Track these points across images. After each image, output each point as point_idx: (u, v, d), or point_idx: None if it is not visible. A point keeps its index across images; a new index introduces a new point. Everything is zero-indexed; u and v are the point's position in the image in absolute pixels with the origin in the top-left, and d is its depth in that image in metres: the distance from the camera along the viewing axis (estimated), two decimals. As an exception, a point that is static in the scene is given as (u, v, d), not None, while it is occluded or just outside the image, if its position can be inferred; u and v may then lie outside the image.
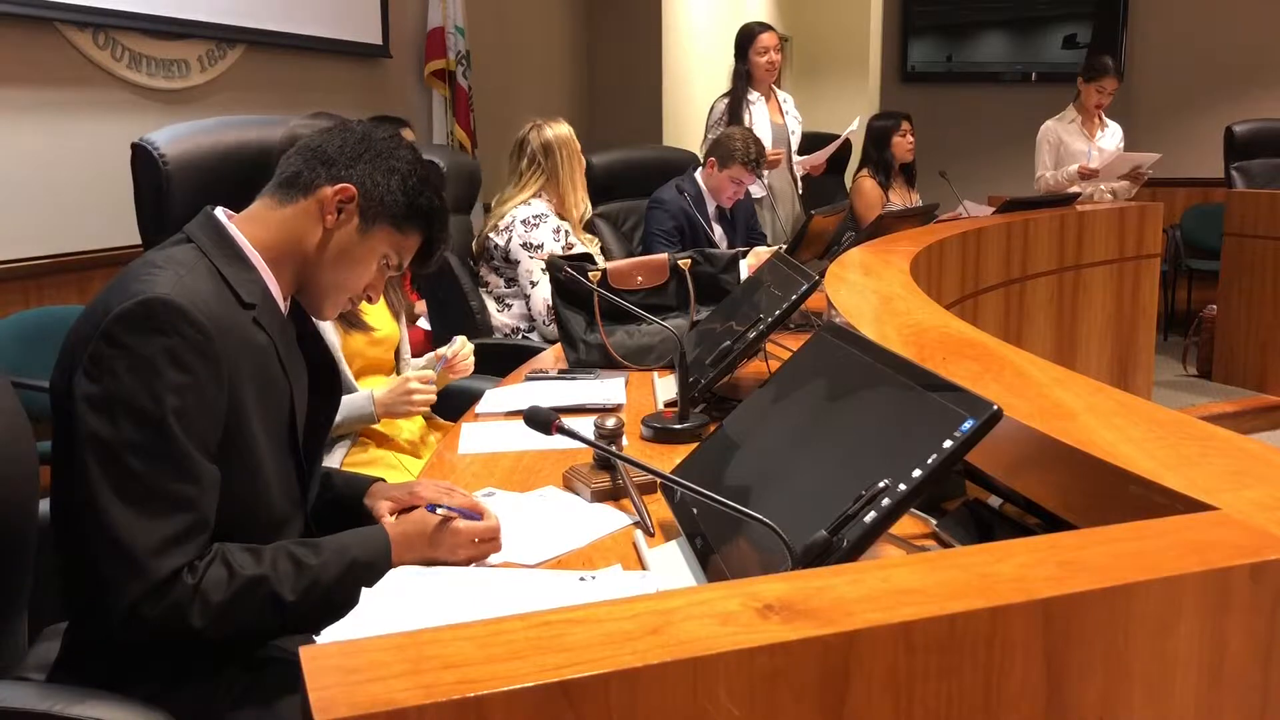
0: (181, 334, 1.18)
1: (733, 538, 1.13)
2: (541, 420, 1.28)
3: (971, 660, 0.67)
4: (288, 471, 1.37)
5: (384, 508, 1.44)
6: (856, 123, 4.70)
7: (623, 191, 3.97)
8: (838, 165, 5.43)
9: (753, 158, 3.59)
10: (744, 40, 4.44)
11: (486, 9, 5.14)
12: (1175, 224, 6.31)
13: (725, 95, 4.45)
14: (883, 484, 0.93)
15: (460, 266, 3.19)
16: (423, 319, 3.48)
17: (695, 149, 4.48)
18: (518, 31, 5.54)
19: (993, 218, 3.83)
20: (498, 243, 3.17)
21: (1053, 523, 1.06)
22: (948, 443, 0.92)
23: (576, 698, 0.59)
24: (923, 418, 0.97)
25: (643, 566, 1.25)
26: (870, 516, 0.93)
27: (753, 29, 4.46)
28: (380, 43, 4.47)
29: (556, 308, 2.31)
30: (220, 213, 1.36)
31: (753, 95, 4.40)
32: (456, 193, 3.26)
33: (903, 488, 0.92)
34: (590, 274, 2.24)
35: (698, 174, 3.75)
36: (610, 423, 1.59)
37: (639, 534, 1.33)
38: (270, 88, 3.81)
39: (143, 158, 1.58)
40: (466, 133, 4.85)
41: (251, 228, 1.35)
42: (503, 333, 3.19)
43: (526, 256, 3.12)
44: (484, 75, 5.04)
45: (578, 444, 1.34)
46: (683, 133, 6.09)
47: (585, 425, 1.59)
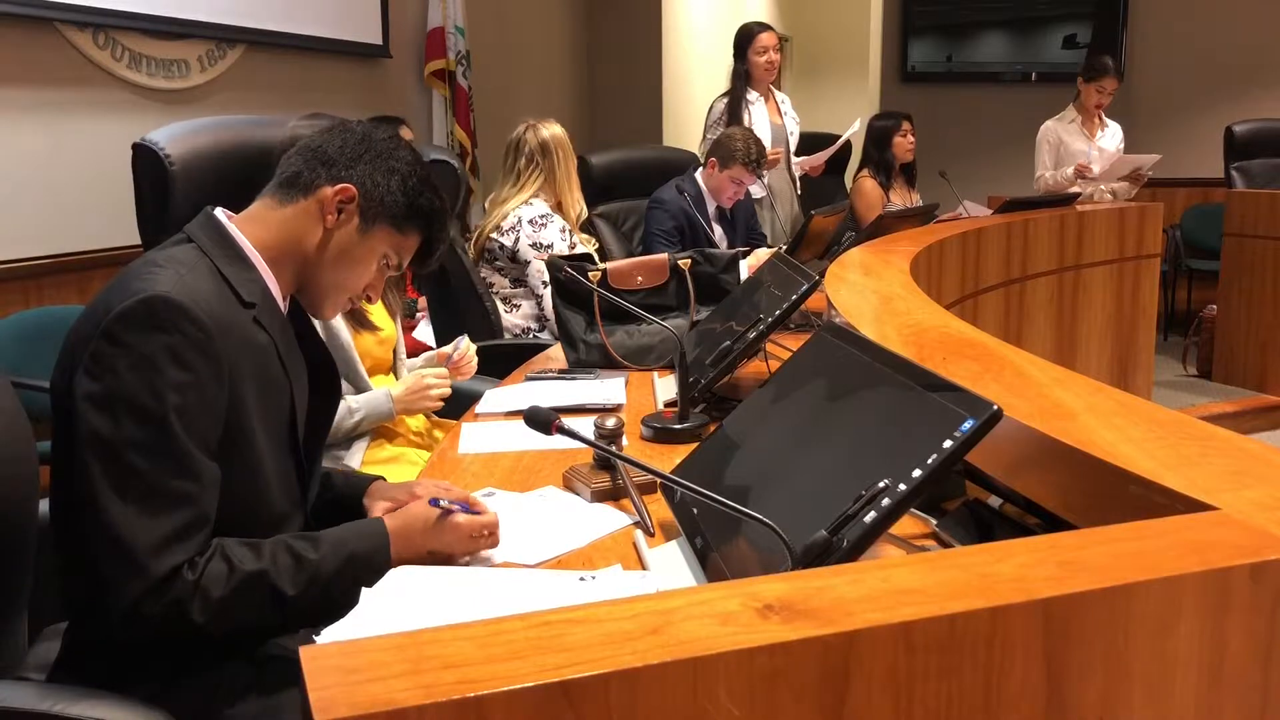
0: (183, 332, 1.18)
1: (733, 538, 1.13)
2: (541, 420, 1.28)
3: (971, 660, 0.67)
4: (288, 471, 1.38)
5: (382, 507, 1.44)
6: (857, 124, 4.70)
7: (623, 191, 3.97)
8: (838, 165, 5.43)
9: (753, 158, 3.59)
10: (743, 40, 4.44)
11: (486, 9, 5.14)
12: (1175, 224, 6.31)
13: (724, 95, 4.45)
14: (883, 484, 0.93)
15: (473, 268, 3.16)
16: (424, 323, 3.47)
17: (695, 149, 4.48)
18: (518, 31, 5.54)
19: (993, 218, 3.83)
20: (503, 243, 3.15)
21: (1053, 523, 1.06)
22: (948, 443, 0.92)
23: (576, 698, 0.59)
24: (923, 418, 0.97)
25: (643, 566, 1.25)
26: (870, 516, 0.93)
27: (752, 29, 4.46)
28: (380, 43, 4.47)
29: (556, 308, 2.31)
30: (220, 213, 1.36)
31: (752, 95, 4.40)
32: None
33: (903, 488, 0.92)
34: (590, 274, 2.24)
35: (698, 174, 3.75)
36: (610, 423, 1.59)
37: (639, 534, 1.33)
38: (270, 88, 3.81)
39: (147, 158, 1.56)
40: (466, 133, 4.85)
41: (251, 228, 1.35)
42: (512, 333, 3.17)
43: (535, 256, 3.11)
44: (484, 75, 5.04)
45: (578, 444, 1.34)
46: (683, 133, 6.08)
47: (585, 425, 1.59)
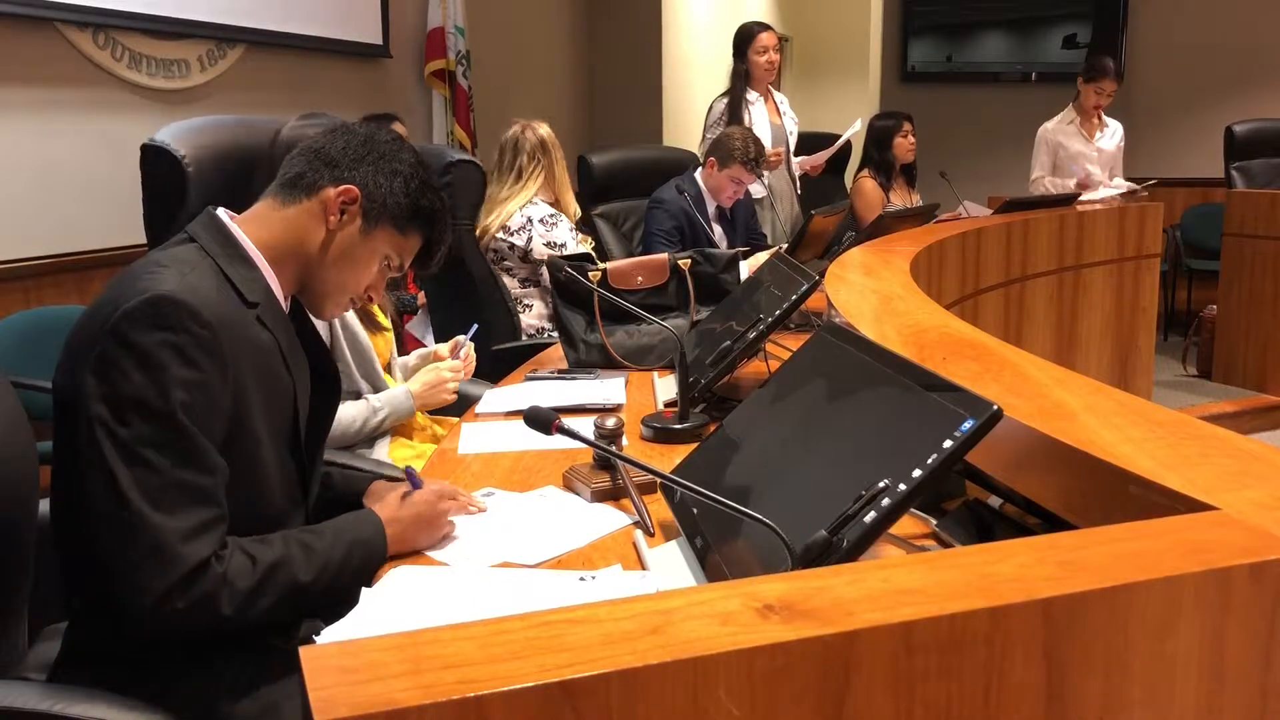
0: (188, 331, 1.18)
1: (733, 538, 1.13)
2: (541, 420, 1.28)
3: (971, 660, 0.67)
4: (289, 470, 1.38)
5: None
6: (858, 124, 4.70)
7: (623, 191, 3.96)
8: (838, 166, 5.43)
9: (752, 157, 3.58)
10: (743, 40, 4.44)
11: (486, 9, 5.14)
12: (1175, 224, 6.31)
13: (724, 95, 4.44)
14: (883, 484, 0.93)
15: (495, 269, 3.13)
16: (416, 319, 3.46)
17: (695, 149, 4.48)
18: (518, 31, 5.54)
19: (993, 218, 3.83)
20: (513, 243, 3.13)
21: (1053, 523, 1.06)
22: (948, 443, 0.92)
23: (576, 698, 0.59)
24: (923, 418, 0.97)
25: (643, 566, 1.25)
26: (870, 516, 0.93)
27: (752, 28, 4.46)
28: (380, 43, 4.47)
29: (556, 307, 2.30)
30: (222, 213, 1.36)
31: (752, 95, 4.40)
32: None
33: (903, 488, 0.92)
34: (590, 274, 2.24)
35: (697, 174, 3.75)
36: (610, 423, 1.59)
37: (639, 534, 1.33)
38: (270, 88, 3.81)
39: (164, 159, 1.55)
40: (466, 133, 4.85)
41: (254, 228, 1.36)
42: (526, 334, 3.15)
43: (550, 255, 3.09)
44: (484, 75, 5.04)
45: (578, 444, 1.34)
46: (683, 133, 6.08)
47: (585, 425, 1.59)
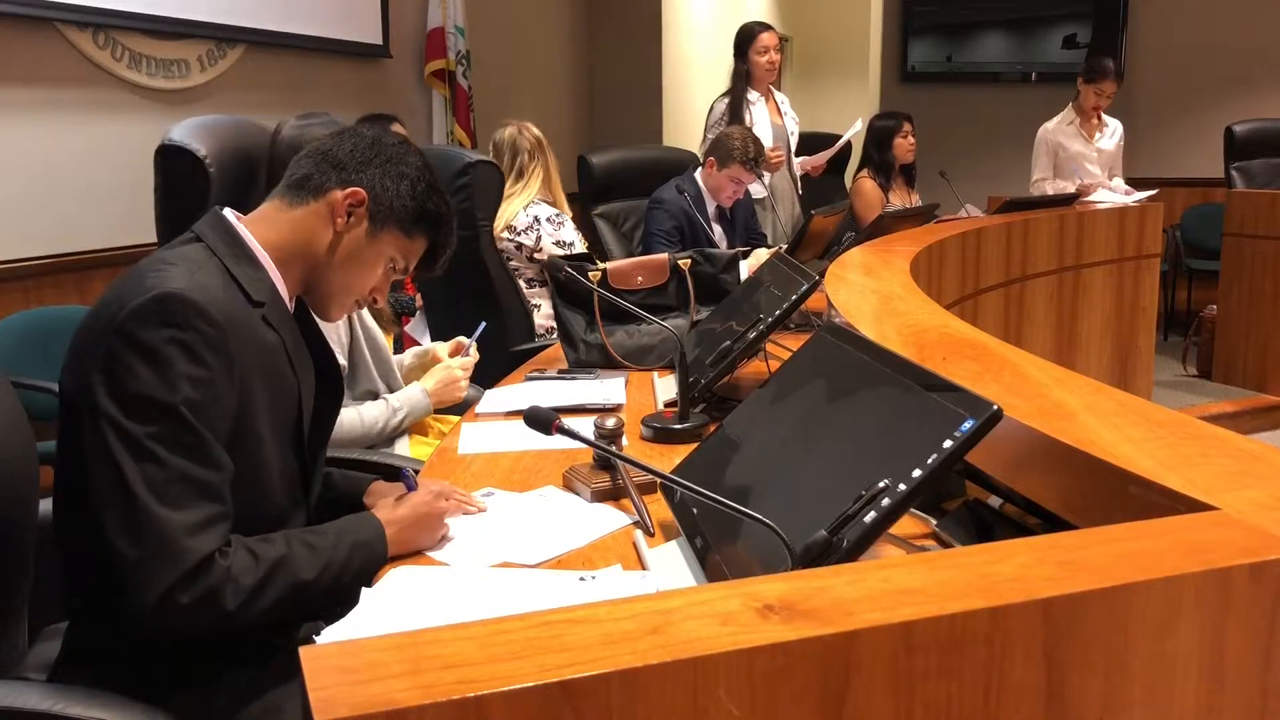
0: (196, 328, 1.19)
1: (733, 538, 1.13)
2: (541, 420, 1.28)
3: (971, 660, 0.67)
4: (292, 470, 1.38)
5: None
6: (859, 124, 4.69)
7: (622, 191, 3.97)
8: (838, 166, 5.43)
9: (751, 157, 3.58)
10: (743, 40, 4.44)
11: (486, 9, 5.14)
12: (1175, 224, 6.31)
13: (725, 95, 4.44)
14: (883, 484, 0.93)
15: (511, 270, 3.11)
16: (415, 320, 3.45)
17: (695, 149, 4.48)
18: (518, 31, 5.53)
19: (993, 218, 3.83)
20: (523, 243, 3.12)
21: (1053, 523, 1.06)
22: (948, 443, 0.92)
23: (576, 698, 0.59)
24: (923, 418, 0.96)
25: (643, 566, 1.25)
26: (870, 516, 0.93)
27: (752, 28, 4.46)
28: (380, 43, 4.47)
29: (556, 308, 2.31)
30: (229, 213, 1.37)
31: (752, 95, 4.40)
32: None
33: (903, 488, 0.92)
34: (590, 274, 2.24)
35: (697, 174, 3.75)
36: (610, 423, 1.59)
37: (639, 534, 1.33)
38: (270, 88, 3.81)
39: (185, 159, 1.54)
40: (466, 133, 4.85)
41: (260, 228, 1.36)
42: (536, 334, 3.13)
43: (550, 255, 3.09)
44: (484, 75, 5.04)
45: (578, 444, 1.34)
46: (683, 133, 6.08)
47: (585, 425, 1.59)
